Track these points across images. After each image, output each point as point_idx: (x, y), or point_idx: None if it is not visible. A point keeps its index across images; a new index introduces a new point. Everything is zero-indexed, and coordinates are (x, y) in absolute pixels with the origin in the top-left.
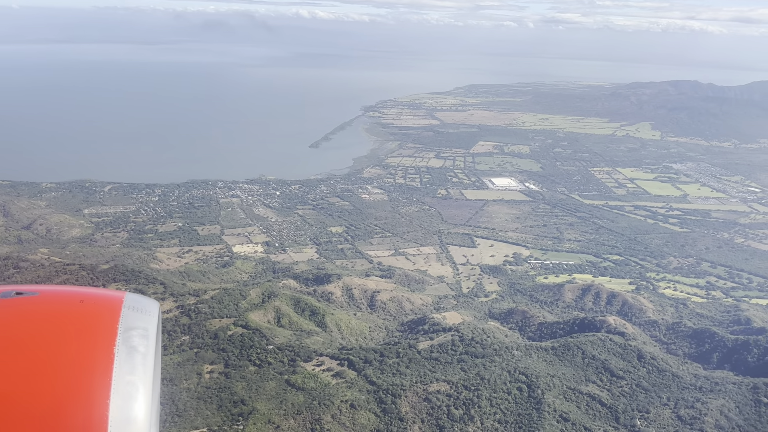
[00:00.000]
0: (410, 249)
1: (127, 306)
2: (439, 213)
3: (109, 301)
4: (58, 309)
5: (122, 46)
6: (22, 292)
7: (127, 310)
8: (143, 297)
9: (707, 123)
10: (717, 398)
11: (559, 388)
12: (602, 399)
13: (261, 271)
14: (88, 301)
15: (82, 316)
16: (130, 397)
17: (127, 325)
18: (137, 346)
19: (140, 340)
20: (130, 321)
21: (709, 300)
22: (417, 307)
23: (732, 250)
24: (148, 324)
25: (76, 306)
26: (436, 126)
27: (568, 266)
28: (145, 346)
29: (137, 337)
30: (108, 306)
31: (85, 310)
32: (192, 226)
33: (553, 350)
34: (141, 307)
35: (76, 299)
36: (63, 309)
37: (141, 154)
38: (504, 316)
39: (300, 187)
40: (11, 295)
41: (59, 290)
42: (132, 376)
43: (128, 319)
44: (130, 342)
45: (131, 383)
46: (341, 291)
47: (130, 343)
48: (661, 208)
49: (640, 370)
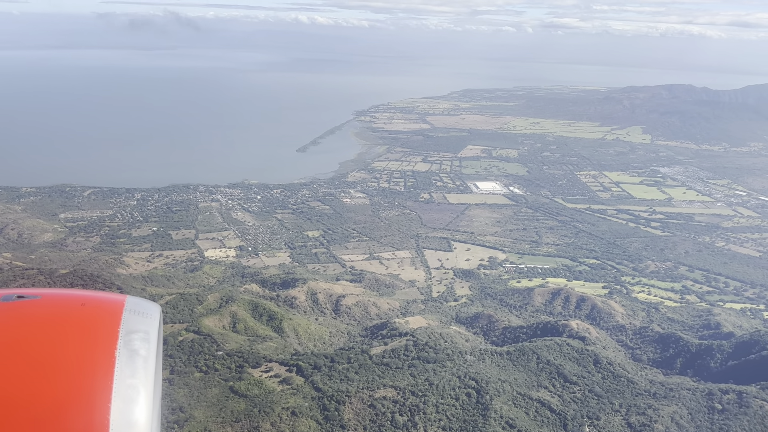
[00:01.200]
0: (385, 253)
1: (129, 309)
2: (419, 217)
3: (111, 305)
4: (59, 312)
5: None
6: (23, 296)
7: (128, 313)
8: (145, 300)
9: (699, 127)
10: (670, 405)
11: (509, 393)
12: (552, 405)
13: (230, 275)
14: (90, 304)
15: (84, 319)
16: (132, 400)
17: (128, 328)
18: (138, 350)
19: (141, 343)
20: (132, 324)
21: (682, 304)
22: (383, 311)
23: (712, 254)
24: (149, 327)
25: (78, 309)
26: (427, 130)
27: (543, 270)
28: (146, 350)
29: (138, 340)
30: (109, 309)
31: (87, 313)
32: (166, 231)
33: (508, 355)
34: (142, 311)
35: (78, 303)
36: (64, 312)
37: (127, 158)
38: (470, 321)
39: (282, 191)
40: (13, 298)
41: (61, 294)
42: (133, 379)
43: (129, 322)
44: (132, 345)
45: (132, 386)
46: (305, 295)
47: (132, 346)
48: (644, 211)
49: (595, 375)
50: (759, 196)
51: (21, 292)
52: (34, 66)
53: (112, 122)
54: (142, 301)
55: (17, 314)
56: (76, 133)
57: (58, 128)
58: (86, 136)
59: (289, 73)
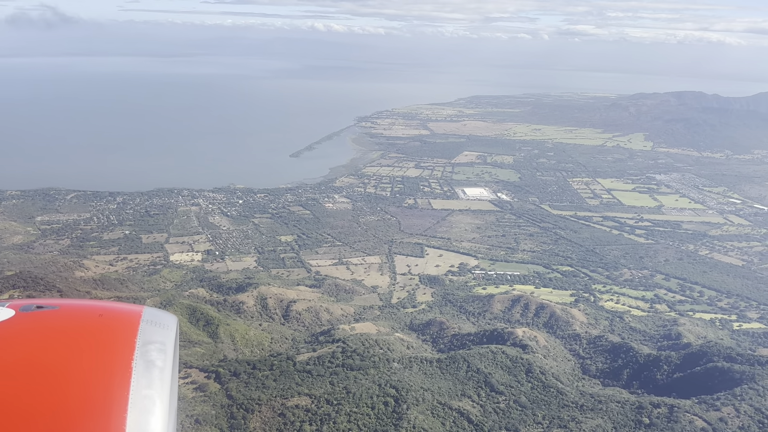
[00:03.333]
0: (355, 258)
1: (146, 320)
2: (398, 222)
3: (128, 316)
4: (77, 323)
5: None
6: (42, 306)
7: (145, 324)
8: (161, 311)
9: (703, 134)
10: (595, 418)
11: (429, 402)
12: (471, 415)
13: (188, 279)
14: (107, 315)
15: (101, 330)
16: (148, 411)
17: (145, 339)
18: (155, 361)
19: (158, 354)
20: (148, 335)
21: (649, 313)
22: (335, 317)
23: (693, 262)
24: (165, 338)
25: (95, 320)
26: (425, 136)
27: (513, 277)
28: (162, 361)
29: (155, 351)
30: (126, 320)
31: (104, 324)
32: (138, 234)
33: (438, 363)
34: (159, 322)
35: (95, 313)
36: (82, 323)
37: (119, 162)
38: (421, 328)
39: (266, 195)
40: (32, 308)
41: (79, 304)
42: (149, 390)
43: (146, 333)
44: (148, 356)
45: (148, 397)
46: (254, 300)
47: (148, 357)
48: (630, 219)
49: (524, 385)
50: (754, 204)
51: (40, 303)
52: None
53: (113, 127)
54: (160, 312)
55: (36, 324)
56: (74, 138)
57: (57, 133)
58: (84, 140)
59: (300, 80)
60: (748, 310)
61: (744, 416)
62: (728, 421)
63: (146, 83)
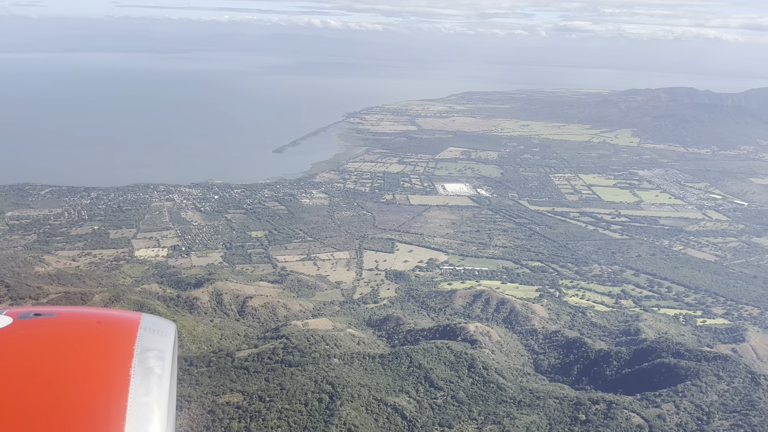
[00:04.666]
0: (323, 254)
1: (144, 327)
2: (373, 218)
3: (126, 323)
4: (75, 330)
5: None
6: (40, 313)
7: (143, 331)
8: (160, 318)
9: (691, 130)
10: (530, 414)
11: (365, 399)
12: (405, 411)
13: (149, 275)
14: (105, 322)
15: (99, 337)
16: (146, 418)
17: (143, 346)
18: (153, 368)
19: (156, 361)
20: (147, 342)
21: (613, 309)
22: (293, 313)
23: (665, 258)
24: (164, 345)
25: (93, 327)
26: (412, 132)
27: (480, 272)
28: (161, 368)
29: (153, 358)
30: (124, 327)
31: (102, 331)
32: (107, 230)
33: (381, 359)
34: (157, 329)
35: (93, 321)
36: (80, 330)
37: (100, 157)
38: (378, 323)
39: (242, 191)
40: (30, 316)
41: (77, 311)
42: (148, 397)
43: (144, 340)
44: (146, 363)
45: (147, 405)
46: (209, 296)
47: (146, 364)
48: (608, 214)
49: (465, 380)
50: (734, 200)
51: (38, 310)
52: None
53: (99, 123)
54: (158, 319)
55: (34, 332)
56: (57, 133)
57: (40, 128)
58: (67, 135)
59: (293, 76)
60: (714, 305)
61: (683, 413)
62: (666, 418)
63: (139, 79)
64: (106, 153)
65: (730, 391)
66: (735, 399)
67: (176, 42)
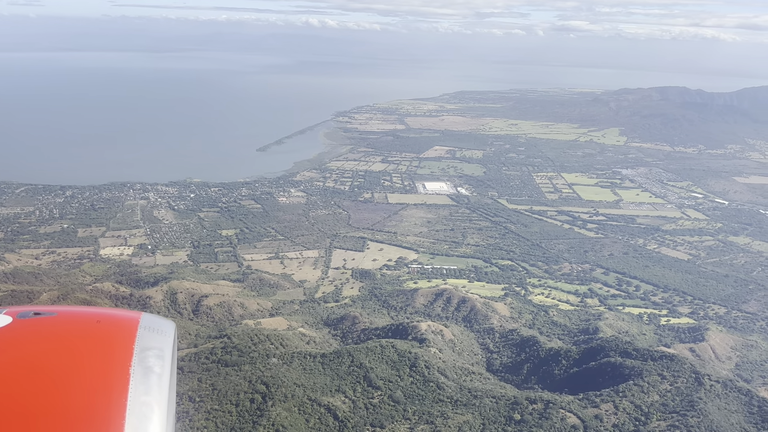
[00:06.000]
0: (292, 253)
1: (143, 326)
2: (349, 216)
3: (126, 322)
4: (75, 329)
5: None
6: (40, 313)
7: (143, 330)
8: (159, 318)
9: (680, 129)
10: (465, 414)
11: (299, 399)
12: (338, 411)
13: (110, 273)
14: (105, 321)
15: (99, 336)
16: (146, 417)
17: (142, 345)
18: (153, 367)
19: (156, 360)
20: (146, 341)
21: (578, 308)
22: (250, 312)
23: (637, 256)
24: (163, 344)
25: (93, 326)
26: (400, 131)
27: (448, 271)
28: (160, 367)
29: (153, 357)
30: (124, 326)
31: (102, 330)
32: (76, 228)
33: (323, 358)
34: (157, 328)
35: (93, 320)
36: (80, 329)
37: (82, 155)
38: (335, 322)
39: (220, 189)
40: (29, 315)
41: (76, 311)
42: (147, 396)
43: (144, 339)
44: (146, 362)
45: (146, 404)
46: (163, 295)
47: (146, 363)
48: (585, 213)
49: (405, 380)
50: (715, 199)
51: (38, 309)
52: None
53: (88, 121)
54: (157, 318)
55: (34, 331)
56: (43, 132)
57: (26, 127)
58: (53, 134)
59: (289, 75)
60: (681, 305)
61: (622, 413)
62: (604, 418)
63: (134, 78)
64: (90, 151)
65: (672, 391)
66: (676, 399)
67: (173, 41)
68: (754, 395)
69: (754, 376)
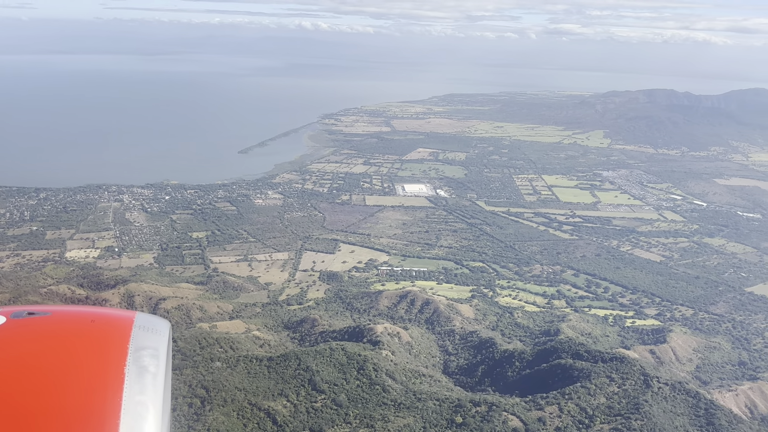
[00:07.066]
0: (261, 255)
1: (138, 326)
2: (324, 218)
3: (120, 321)
4: (69, 329)
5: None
6: (34, 312)
7: (137, 329)
8: (154, 317)
9: (665, 131)
10: (406, 417)
11: (239, 403)
12: (278, 416)
13: (73, 276)
14: (99, 321)
15: (93, 335)
16: (141, 417)
17: (137, 345)
18: (148, 366)
19: (151, 360)
20: (141, 341)
21: (544, 309)
22: (209, 315)
23: (610, 258)
24: (158, 344)
25: (87, 326)
26: (385, 133)
27: (418, 273)
28: (155, 366)
29: (148, 357)
30: (118, 326)
31: (96, 330)
32: (44, 230)
33: (269, 361)
34: (152, 327)
35: (87, 319)
36: (74, 329)
37: (64, 158)
38: (295, 325)
39: (196, 191)
40: (23, 315)
41: (71, 310)
42: (142, 396)
43: (139, 338)
44: (141, 362)
45: (141, 403)
46: (120, 298)
47: (141, 363)
48: (562, 215)
49: (351, 383)
50: (694, 201)
51: (32, 309)
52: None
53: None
54: (152, 318)
55: (28, 331)
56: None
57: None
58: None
59: (280, 77)
60: (649, 306)
61: (566, 416)
62: (547, 421)
63: (124, 81)
64: (71, 154)
65: (620, 393)
66: (622, 402)
67: (166, 44)
68: (702, 397)
69: (713, 378)
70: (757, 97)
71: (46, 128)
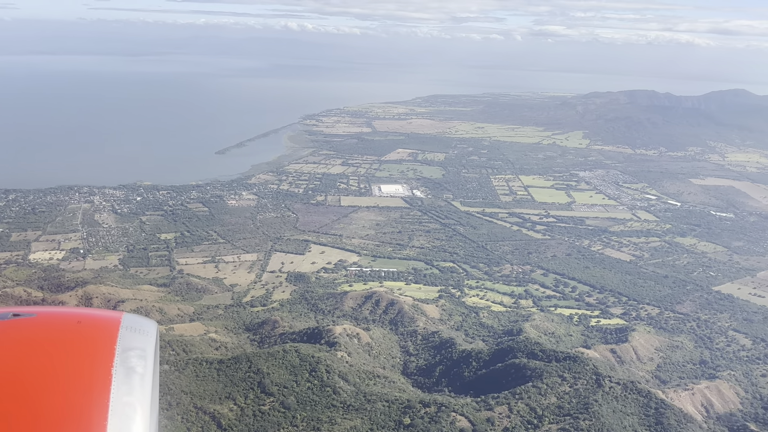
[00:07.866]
0: (229, 256)
1: (125, 326)
2: (297, 219)
3: (107, 322)
4: (55, 330)
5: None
6: (19, 314)
7: (124, 330)
8: (141, 317)
9: (643, 131)
10: (354, 419)
11: (185, 406)
12: (223, 419)
13: (35, 278)
14: (86, 322)
15: (80, 337)
16: (128, 418)
17: (124, 345)
18: (135, 367)
19: (138, 360)
20: (128, 342)
21: (510, 309)
22: (168, 317)
23: (580, 258)
24: (145, 344)
25: (74, 327)
26: (365, 134)
27: (387, 273)
28: (143, 367)
29: (135, 357)
30: (105, 327)
31: (83, 331)
32: (10, 232)
33: (219, 364)
34: (139, 328)
35: (74, 320)
36: (60, 330)
37: (37, 159)
38: (256, 327)
39: (168, 192)
40: (8, 316)
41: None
42: (130, 397)
43: (126, 339)
44: (128, 363)
45: (129, 404)
46: (77, 300)
47: (128, 363)
48: (536, 215)
49: (301, 385)
50: (668, 201)
51: (17, 310)
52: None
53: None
54: (139, 318)
55: (13, 333)
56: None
57: None
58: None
59: (265, 78)
60: (615, 306)
61: (515, 416)
62: (495, 421)
63: (107, 81)
64: (44, 155)
65: (570, 393)
66: (573, 401)
67: (150, 45)
68: (653, 397)
69: (673, 377)
70: (736, 98)
71: (21, 129)
